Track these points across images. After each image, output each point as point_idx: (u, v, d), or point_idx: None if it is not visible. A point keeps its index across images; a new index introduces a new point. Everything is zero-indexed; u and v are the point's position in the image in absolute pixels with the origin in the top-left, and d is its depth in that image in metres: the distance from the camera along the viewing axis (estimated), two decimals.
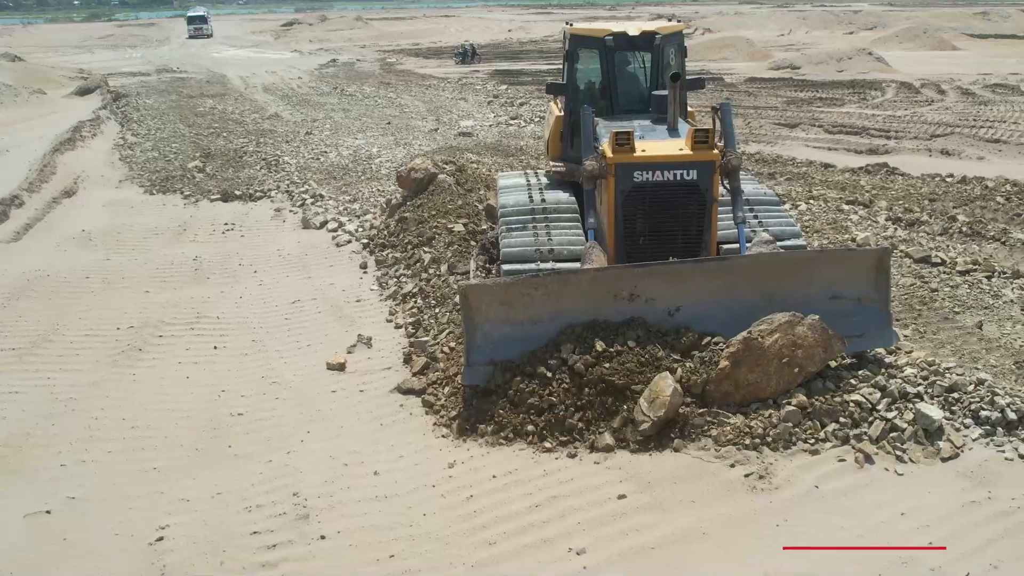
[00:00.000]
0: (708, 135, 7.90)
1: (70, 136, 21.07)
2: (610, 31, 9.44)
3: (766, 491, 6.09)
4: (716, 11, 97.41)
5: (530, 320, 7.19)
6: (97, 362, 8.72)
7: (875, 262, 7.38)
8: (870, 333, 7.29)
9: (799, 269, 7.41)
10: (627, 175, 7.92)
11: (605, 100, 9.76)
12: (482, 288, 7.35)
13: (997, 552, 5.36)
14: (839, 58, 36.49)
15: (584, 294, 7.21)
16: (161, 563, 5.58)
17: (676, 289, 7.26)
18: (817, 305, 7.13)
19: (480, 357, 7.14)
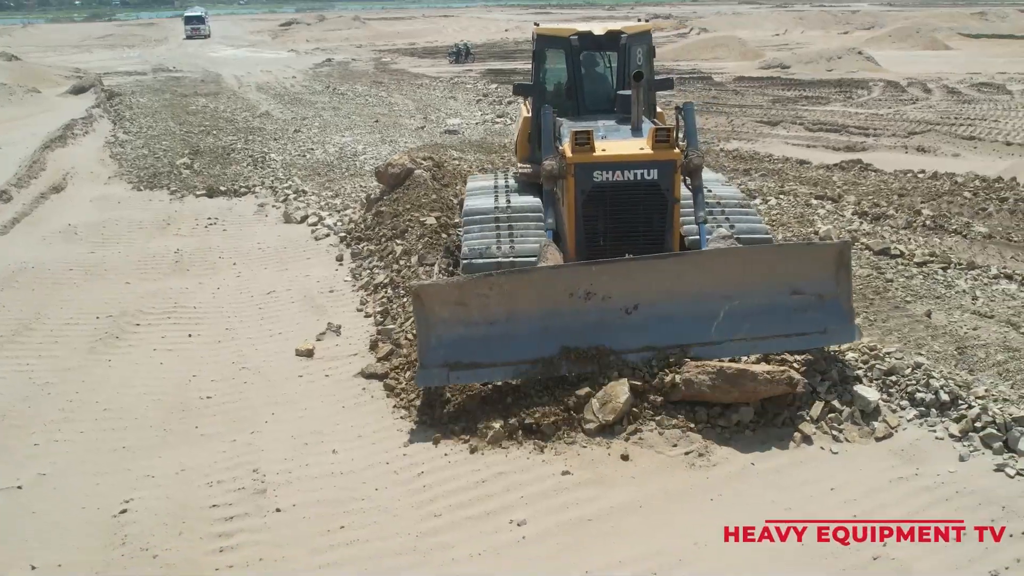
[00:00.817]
0: (669, 134, 7.89)
1: (61, 134, 21.40)
2: (575, 31, 9.46)
3: (704, 468, 6.37)
4: (715, 11, 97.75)
5: (485, 320, 7.09)
6: (75, 349, 9.01)
7: (835, 257, 7.25)
8: (831, 329, 7.20)
9: (758, 265, 7.28)
10: (587, 175, 7.91)
11: (572, 100, 9.77)
12: (435, 288, 7.23)
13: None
14: (829, 57, 36.77)
15: (539, 293, 7.11)
16: (123, 533, 5.85)
17: (633, 286, 7.15)
18: (777, 301, 7.16)
19: (434, 359, 7.04)
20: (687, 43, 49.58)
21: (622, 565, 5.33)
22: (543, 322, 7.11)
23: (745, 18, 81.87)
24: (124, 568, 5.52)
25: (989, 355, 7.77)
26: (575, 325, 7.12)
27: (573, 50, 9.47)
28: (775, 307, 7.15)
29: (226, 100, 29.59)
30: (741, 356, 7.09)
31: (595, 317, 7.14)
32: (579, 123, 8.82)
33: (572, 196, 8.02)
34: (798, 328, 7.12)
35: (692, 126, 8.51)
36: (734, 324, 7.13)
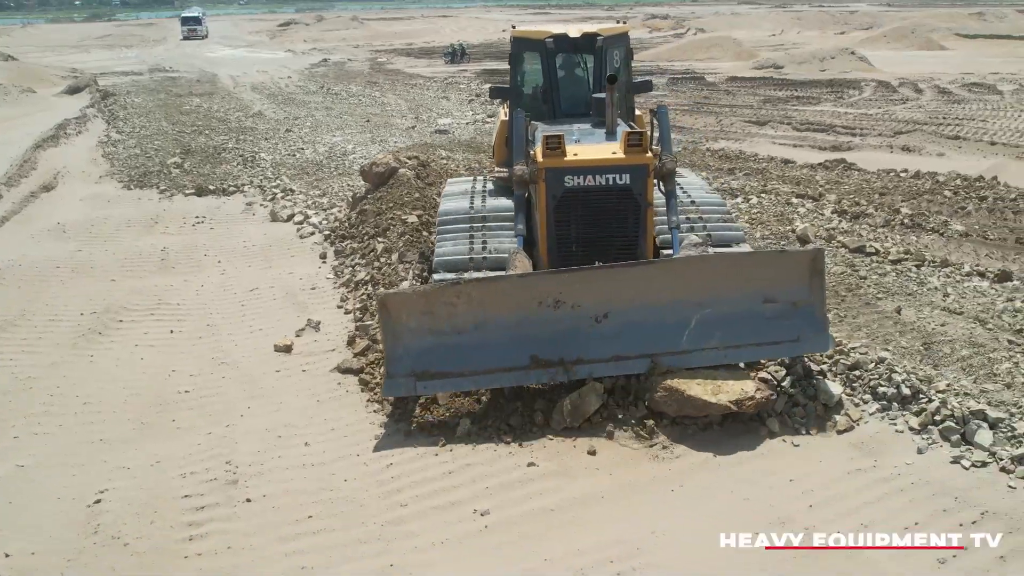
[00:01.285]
0: (642, 138, 7.79)
1: (53, 133, 21.55)
2: (550, 33, 9.35)
3: (667, 460, 6.51)
4: (713, 11, 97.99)
5: (453, 329, 7.01)
6: (58, 345, 9.14)
7: (809, 264, 7.12)
8: (805, 337, 7.09)
9: (730, 272, 7.15)
10: (558, 180, 7.81)
11: (548, 104, 9.69)
12: (401, 297, 7.11)
13: (870, 514, 5.76)
14: (822, 58, 36.91)
15: (508, 301, 7.01)
16: (96, 522, 5.99)
17: (603, 295, 7.03)
18: (750, 309, 7.08)
19: (401, 368, 6.97)
20: (682, 43, 49.71)
21: (581, 553, 5.46)
22: (512, 331, 7.01)
23: (743, 18, 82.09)
24: (95, 556, 5.65)
25: (954, 350, 7.90)
26: (545, 334, 7.02)
27: (548, 53, 9.38)
28: (747, 315, 7.06)
29: (220, 100, 29.73)
30: (713, 364, 7.02)
31: (565, 326, 7.04)
32: (554, 127, 8.79)
33: (544, 201, 7.93)
34: (771, 336, 7.05)
35: (666, 130, 8.45)
36: (706, 333, 7.04)
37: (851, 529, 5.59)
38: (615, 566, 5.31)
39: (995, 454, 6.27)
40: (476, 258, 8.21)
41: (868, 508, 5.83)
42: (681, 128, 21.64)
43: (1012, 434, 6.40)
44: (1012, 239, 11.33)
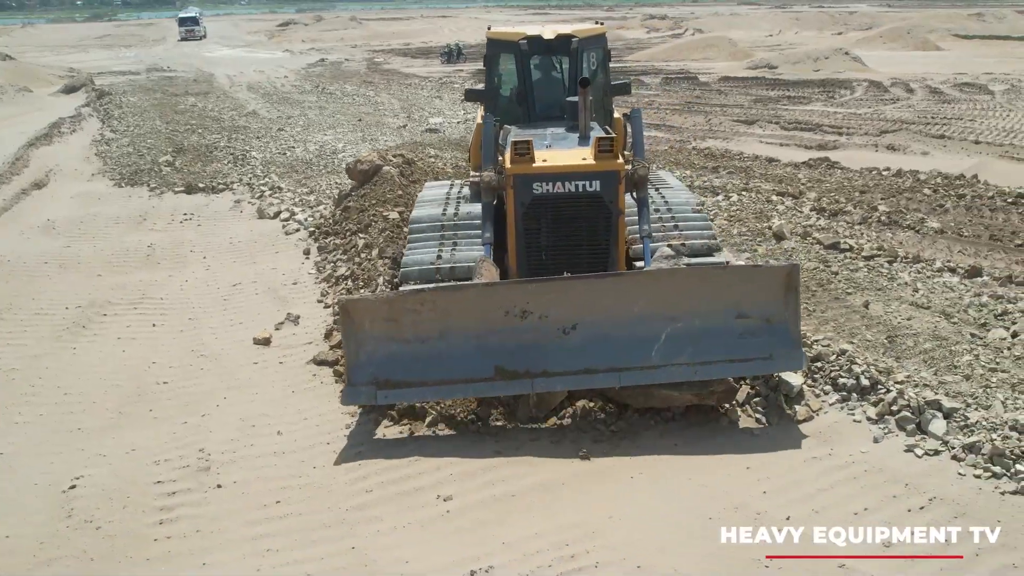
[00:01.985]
0: (613, 144, 7.61)
1: (47, 132, 21.75)
2: (524, 34, 9.21)
3: (629, 449, 6.66)
4: (712, 12, 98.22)
5: (417, 338, 6.85)
6: (42, 337, 9.31)
7: (783, 279, 6.86)
8: (778, 355, 6.86)
9: (702, 286, 6.95)
10: (526, 187, 7.61)
11: (522, 107, 9.54)
12: (364, 303, 7.01)
13: (822, 500, 5.92)
14: (816, 58, 37.04)
15: (473, 310, 6.86)
16: (70, 507, 6.15)
17: (571, 306, 6.85)
18: (722, 325, 6.89)
19: (362, 377, 6.84)
20: (678, 44, 49.87)
21: (538, 536, 5.61)
22: (477, 341, 6.87)
23: (741, 19, 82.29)
24: (68, 539, 5.81)
25: (917, 343, 8.06)
26: (510, 345, 6.85)
27: (523, 55, 9.24)
28: (719, 331, 6.86)
29: (215, 99, 29.91)
30: (683, 381, 6.85)
31: (531, 337, 6.86)
32: (527, 130, 8.67)
33: (512, 209, 7.74)
34: (743, 353, 6.84)
35: (639, 134, 8.27)
36: (676, 347, 6.82)
37: (802, 514, 5.74)
38: (570, 549, 5.46)
39: (947, 443, 6.43)
40: (444, 267, 7.95)
41: (821, 495, 5.99)
42: (670, 127, 21.82)
43: (965, 423, 6.55)
44: (986, 236, 11.49)
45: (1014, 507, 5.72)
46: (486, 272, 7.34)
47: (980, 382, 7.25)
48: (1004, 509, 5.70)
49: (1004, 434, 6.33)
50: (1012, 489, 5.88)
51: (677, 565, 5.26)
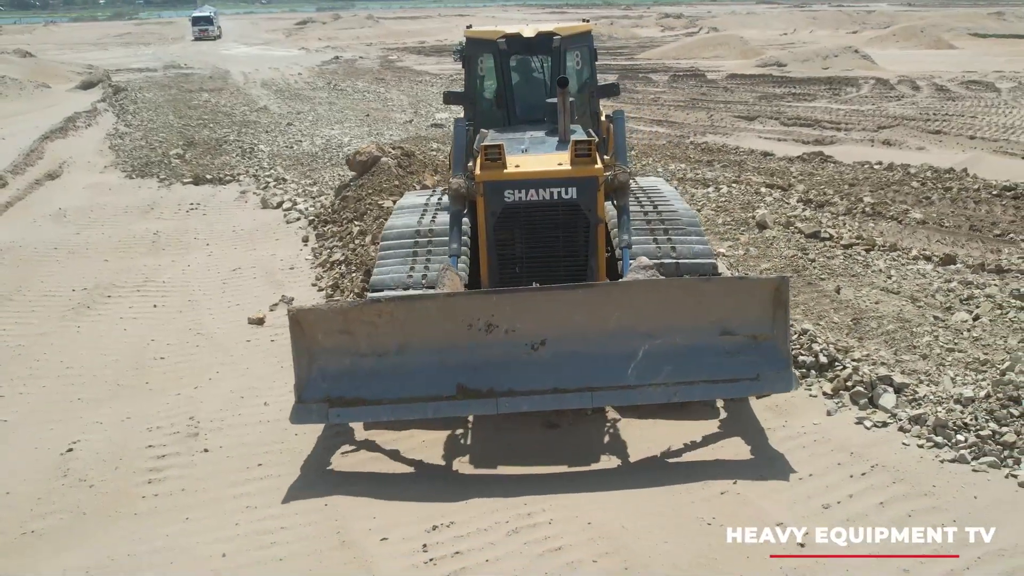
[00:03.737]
0: (591, 148, 7.14)
1: (62, 125, 22.36)
2: (504, 33, 8.91)
3: (576, 418, 6.94)
4: (729, 11, 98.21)
5: (374, 352, 6.38)
6: (48, 317, 9.77)
7: (772, 294, 6.33)
8: (765, 375, 6.36)
9: (682, 300, 6.41)
10: (497, 195, 7.12)
11: (502, 109, 9.18)
12: (316, 314, 6.42)
13: (771, 468, 6.23)
14: (825, 56, 37.20)
15: (434, 323, 6.34)
16: (65, 467, 6.58)
17: (540, 319, 6.35)
18: (705, 342, 6.41)
19: (314, 394, 6.33)
20: (689, 42, 50.09)
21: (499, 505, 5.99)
22: (439, 356, 6.38)
23: (756, 18, 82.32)
24: (63, 495, 6.24)
25: (881, 325, 8.37)
26: (474, 361, 6.37)
27: (502, 54, 8.91)
28: (702, 348, 6.38)
29: (229, 95, 30.49)
30: (662, 403, 6.54)
31: (497, 352, 6.37)
32: (505, 134, 8.31)
33: (483, 218, 7.27)
34: (727, 373, 6.34)
35: (622, 138, 7.80)
36: (654, 366, 6.35)
37: (747, 477, 6.08)
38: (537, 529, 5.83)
39: (895, 415, 6.74)
40: (415, 280, 7.40)
41: (770, 462, 6.31)
42: (672, 123, 22.14)
43: (913, 397, 6.87)
44: (967, 227, 11.75)
45: (950, 474, 6.03)
46: (449, 282, 6.81)
47: (936, 361, 7.56)
48: (940, 476, 6.01)
49: (949, 407, 6.65)
50: (951, 457, 6.19)
51: (625, 522, 5.62)
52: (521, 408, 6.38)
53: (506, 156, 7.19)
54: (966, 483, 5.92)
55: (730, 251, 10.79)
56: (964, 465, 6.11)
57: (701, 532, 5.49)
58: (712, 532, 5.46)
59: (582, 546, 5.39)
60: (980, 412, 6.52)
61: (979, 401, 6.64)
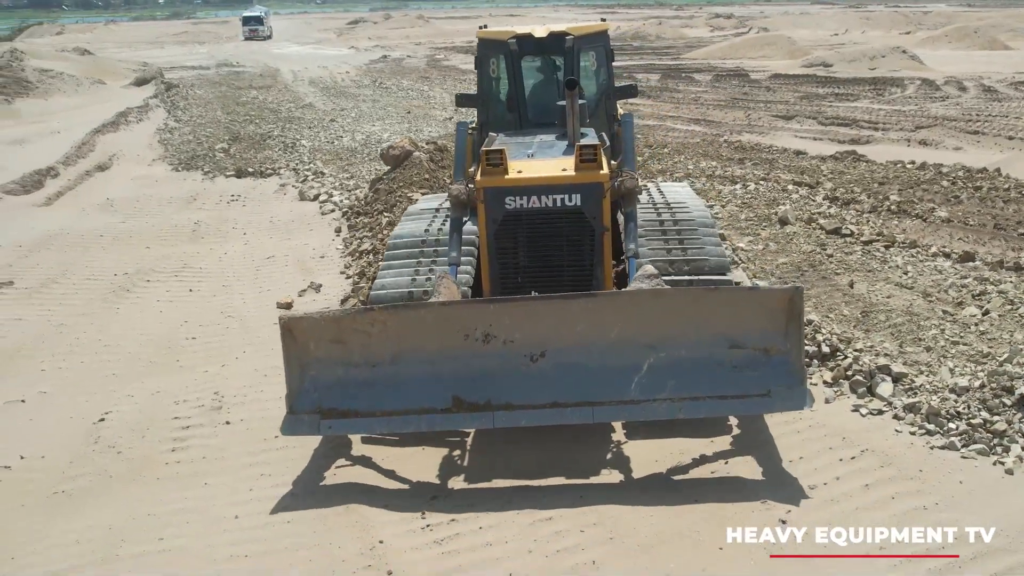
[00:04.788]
0: (596, 153, 6.85)
1: (114, 120, 23.18)
2: (514, 33, 8.71)
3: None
4: (782, 11, 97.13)
5: (367, 362, 6.20)
6: (91, 299, 10.32)
7: (785, 305, 5.95)
8: (777, 392, 5.99)
9: (689, 310, 6.09)
10: (497, 201, 6.85)
11: (513, 112, 8.94)
12: (308, 322, 6.21)
13: (761, 451, 6.45)
14: (872, 56, 36.79)
15: (429, 333, 6.14)
16: (97, 435, 7.04)
17: (539, 330, 6.11)
18: (713, 355, 6.09)
19: (306, 404, 6.18)
20: (736, 42, 49.80)
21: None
22: (434, 367, 6.18)
23: (809, 18, 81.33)
24: (92, 460, 6.69)
25: (889, 318, 8.49)
26: (471, 372, 6.15)
27: (513, 55, 8.67)
28: (709, 362, 6.07)
29: (276, 93, 31.24)
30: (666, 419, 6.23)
31: (495, 364, 6.14)
32: (513, 138, 8.10)
33: (483, 225, 7.04)
34: (736, 388, 6.02)
35: (630, 142, 7.57)
36: (658, 381, 6.06)
37: (735, 456, 6.31)
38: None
39: (891, 403, 6.89)
40: (416, 290, 7.38)
41: (761, 445, 6.51)
42: (710, 122, 22.23)
43: (911, 387, 7.02)
44: (991, 225, 11.74)
45: (938, 459, 6.18)
46: (444, 290, 6.59)
47: (939, 353, 7.67)
48: (928, 461, 6.15)
49: (943, 396, 6.79)
50: (940, 444, 6.34)
51: (611, 494, 5.88)
52: (519, 423, 6.12)
53: (510, 161, 6.97)
54: (953, 469, 6.07)
55: (749, 246, 10.94)
56: (953, 452, 6.25)
57: (695, 509, 5.71)
58: (704, 520, 5.64)
59: (572, 517, 5.67)
60: (973, 401, 6.64)
61: (973, 391, 6.76)
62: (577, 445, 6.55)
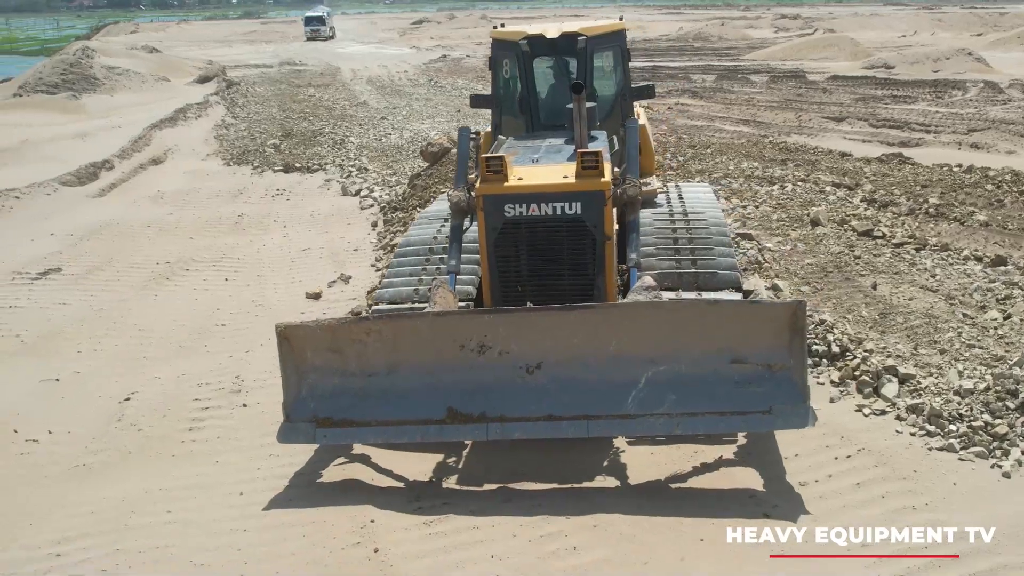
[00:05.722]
0: (598, 159, 6.67)
1: (172, 115, 23.93)
2: (526, 34, 8.56)
3: None
4: (852, 12, 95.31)
5: (363, 371, 6.23)
6: (132, 286, 10.78)
7: (788, 319, 5.81)
8: (779, 409, 5.84)
9: (689, 323, 5.98)
10: (497, 209, 6.73)
11: (525, 114, 8.77)
12: (305, 330, 6.25)
13: (757, 445, 6.51)
14: (936, 58, 35.95)
15: (425, 343, 6.14)
16: (121, 413, 7.41)
17: (535, 342, 6.06)
18: (713, 370, 5.97)
19: (303, 413, 6.22)
20: (798, 43, 49.00)
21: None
22: (429, 378, 6.18)
23: (879, 19, 79.64)
24: (114, 436, 7.05)
25: (908, 320, 8.41)
26: (466, 383, 6.13)
27: (524, 56, 8.53)
28: (709, 377, 5.97)
29: (334, 91, 31.84)
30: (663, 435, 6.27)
31: (490, 375, 6.12)
32: (521, 142, 8.03)
33: (483, 233, 6.91)
34: (737, 405, 5.89)
35: (634, 149, 7.35)
36: (656, 395, 5.96)
37: (734, 453, 6.37)
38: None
39: (895, 404, 6.88)
40: (421, 292, 7.38)
41: (762, 440, 6.56)
42: (759, 123, 22.02)
43: (916, 388, 6.99)
44: None
45: (934, 461, 6.17)
46: (440, 300, 6.56)
47: (952, 355, 7.59)
48: (924, 462, 6.15)
49: (947, 398, 6.75)
50: (939, 446, 6.32)
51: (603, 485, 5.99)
52: (513, 435, 6.07)
53: (513, 167, 6.88)
54: (948, 470, 6.06)
55: (777, 246, 10.90)
56: (951, 454, 6.24)
57: (680, 499, 5.81)
58: (688, 510, 5.75)
59: (560, 503, 5.81)
60: (976, 404, 6.60)
61: (978, 393, 6.71)
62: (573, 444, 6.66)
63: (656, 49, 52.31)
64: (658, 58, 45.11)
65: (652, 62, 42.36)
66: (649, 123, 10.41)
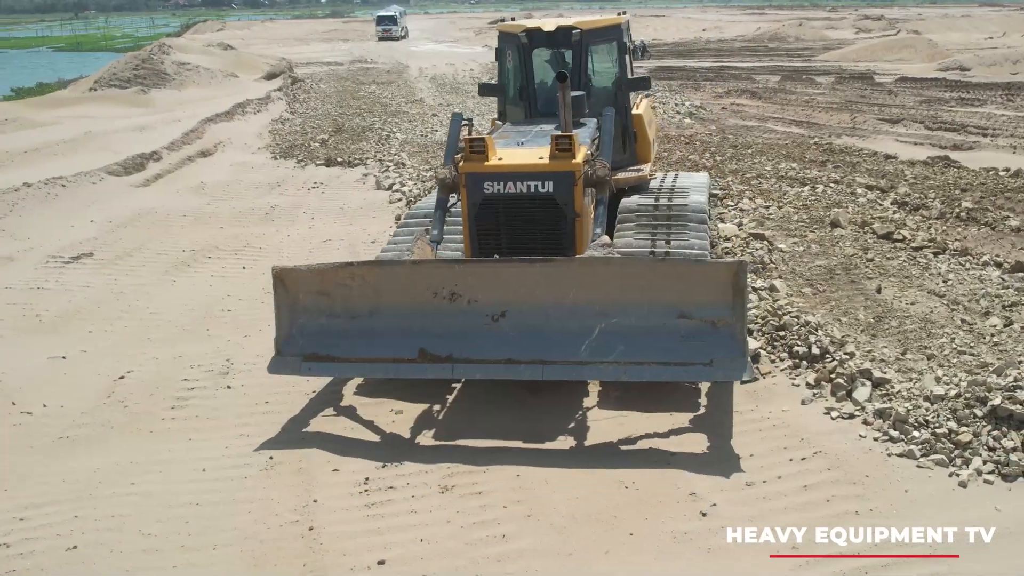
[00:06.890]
0: (571, 142, 7.38)
1: (228, 110, 24.64)
2: (525, 27, 9.25)
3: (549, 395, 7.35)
4: (942, 13, 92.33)
5: (348, 313, 6.93)
6: (154, 271, 11.19)
7: (730, 279, 6.33)
8: (719, 361, 6.35)
9: (639, 280, 6.60)
10: (477, 186, 7.48)
11: (523, 102, 9.46)
12: (298, 273, 7.04)
13: (717, 443, 6.47)
14: (1016, 60, 34.67)
15: (402, 289, 6.85)
16: (112, 391, 7.74)
17: (500, 291, 6.71)
18: (661, 324, 6.52)
19: (292, 348, 6.95)
20: (874, 44, 47.72)
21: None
22: (405, 321, 6.84)
23: (968, 20, 76.97)
24: (100, 412, 7.37)
25: (902, 324, 8.21)
26: (437, 327, 6.79)
27: (523, 48, 9.23)
28: (657, 330, 6.49)
29: (395, 88, 32.30)
30: (612, 380, 6.85)
31: (459, 321, 6.78)
32: (515, 127, 8.77)
33: (465, 208, 7.71)
34: (680, 356, 6.42)
35: (608, 135, 8.06)
36: (607, 345, 6.50)
37: (694, 449, 6.35)
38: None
39: (864, 408, 6.74)
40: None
41: (719, 439, 6.51)
42: (811, 124, 21.60)
43: (887, 392, 6.83)
44: None
45: (890, 467, 6.03)
46: (418, 251, 7.32)
47: (939, 361, 7.40)
48: (879, 468, 6.01)
49: (916, 404, 6.59)
50: (899, 452, 6.18)
51: (548, 477, 6.04)
52: (475, 375, 6.82)
53: (500, 149, 7.60)
54: (903, 477, 5.93)
55: (792, 247, 10.72)
56: (910, 460, 6.09)
57: (621, 493, 5.82)
58: (626, 505, 5.78)
59: (501, 492, 5.89)
60: (944, 411, 6.43)
61: (947, 400, 6.53)
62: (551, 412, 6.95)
63: (728, 50, 51.69)
64: (727, 59, 44.51)
65: (720, 62, 41.84)
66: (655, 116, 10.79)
